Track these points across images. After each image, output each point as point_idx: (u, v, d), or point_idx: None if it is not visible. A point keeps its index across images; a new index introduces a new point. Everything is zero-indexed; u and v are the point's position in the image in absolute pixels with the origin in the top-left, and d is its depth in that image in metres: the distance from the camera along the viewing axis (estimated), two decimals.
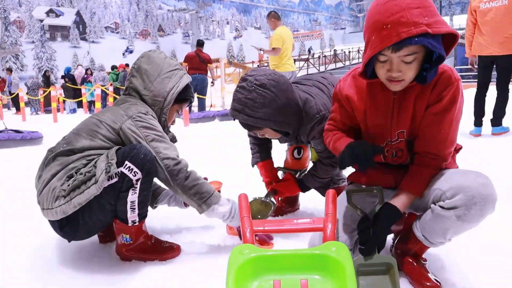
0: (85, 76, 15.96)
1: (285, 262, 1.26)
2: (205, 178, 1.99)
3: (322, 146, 1.94)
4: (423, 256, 1.60)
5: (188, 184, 1.69)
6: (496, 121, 4.87)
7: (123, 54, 26.81)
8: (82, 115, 12.34)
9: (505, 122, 4.94)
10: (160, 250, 1.85)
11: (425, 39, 1.22)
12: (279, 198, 2.36)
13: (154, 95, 1.88)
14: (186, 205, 2.10)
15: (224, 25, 36.23)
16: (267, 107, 1.79)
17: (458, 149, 1.65)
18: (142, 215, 1.77)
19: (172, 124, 2.10)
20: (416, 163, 1.51)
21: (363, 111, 1.58)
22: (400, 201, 1.46)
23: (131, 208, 1.70)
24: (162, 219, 2.23)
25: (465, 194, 1.31)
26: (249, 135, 2.34)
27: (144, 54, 1.99)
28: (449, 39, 1.31)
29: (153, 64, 1.91)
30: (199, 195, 1.71)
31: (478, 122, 4.95)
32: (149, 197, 1.78)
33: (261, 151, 2.35)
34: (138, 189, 1.66)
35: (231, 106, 1.87)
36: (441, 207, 1.38)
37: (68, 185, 1.62)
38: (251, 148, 2.38)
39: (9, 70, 17.59)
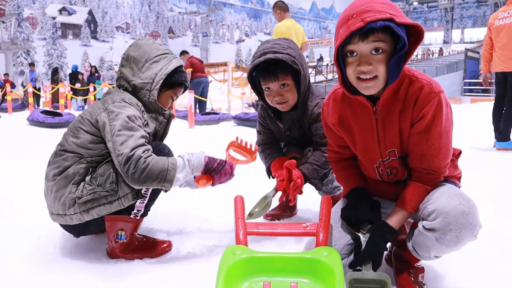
0: (91, 74, 15.94)
1: (276, 264, 1.27)
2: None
3: (321, 130, 1.91)
4: (421, 265, 1.60)
5: (138, 177, 1.59)
6: (502, 136, 4.86)
7: (100, 65, 26.55)
8: None
9: None
10: (151, 247, 1.85)
11: (391, 23, 1.23)
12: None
13: (142, 79, 1.86)
14: (197, 183, 2.02)
15: (234, 29, 36.38)
16: (294, 50, 1.88)
17: (457, 154, 1.64)
18: (147, 210, 1.78)
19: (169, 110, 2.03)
20: (412, 178, 1.50)
21: (351, 135, 1.57)
22: (395, 219, 1.46)
23: (142, 197, 1.72)
24: (157, 218, 2.24)
25: (443, 219, 1.31)
26: (258, 143, 2.24)
27: (132, 43, 1.99)
28: (414, 38, 1.30)
29: (140, 51, 1.89)
30: (155, 179, 1.61)
31: (500, 136, 4.94)
32: (160, 192, 1.80)
33: (273, 151, 2.21)
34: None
35: (253, 58, 1.90)
36: (423, 226, 1.38)
37: (82, 193, 1.66)
38: (262, 156, 2.25)
39: (32, 65, 17.13)
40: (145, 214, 1.80)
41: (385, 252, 1.55)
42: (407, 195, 1.47)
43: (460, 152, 1.65)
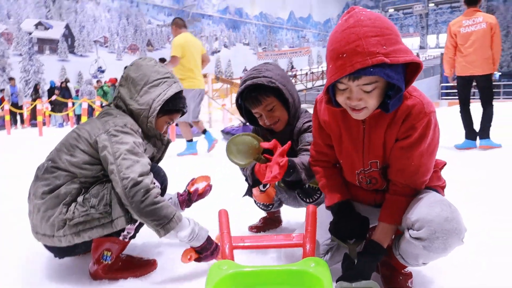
0: (61, 88, 15.60)
1: (263, 278, 1.25)
2: (192, 180, 2.07)
3: (308, 139, 1.94)
4: (408, 271, 1.60)
5: (144, 207, 1.57)
6: (483, 133, 5.06)
7: (93, 74, 26.23)
8: (69, 129, 12.23)
9: (496, 139, 5.09)
10: (135, 267, 1.80)
11: (382, 70, 1.18)
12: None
13: (140, 104, 1.82)
14: (183, 207, 2.05)
15: (213, 40, 36.47)
16: (274, 72, 1.91)
17: (441, 166, 1.64)
18: (136, 232, 1.75)
19: (165, 135, 2.01)
20: (390, 192, 1.50)
21: (339, 136, 1.56)
22: (383, 236, 1.45)
23: (133, 219, 1.67)
24: (141, 236, 2.18)
25: (428, 228, 1.31)
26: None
27: (133, 62, 1.95)
28: (414, 66, 1.28)
29: (140, 73, 1.85)
30: (156, 220, 1.59)
31: (470, 135, 5.17)
32: None
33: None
34: None
35: (239, 86, 1.93)
36: (410, 235, 1.38)
37: (73, 215, 1.60)
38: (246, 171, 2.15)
39: (12, 79, 16.52)
40: (134, 236, 1.77)
41: None
42: (389, 209, 1.47)
43: (444, 164, 1.64)
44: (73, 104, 13.60)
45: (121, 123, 1.73)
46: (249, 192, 2.24)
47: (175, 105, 1.92)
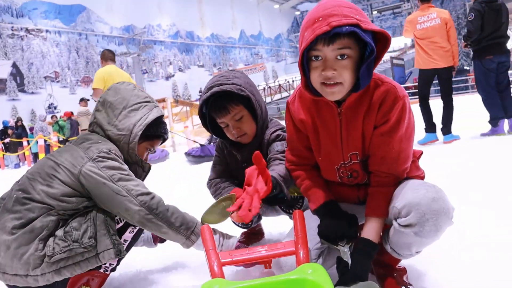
0: (17, 127, 15.10)
1: None
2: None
3: (278, 148, 1.81)
4: (402, 266, 1.56)
5: (172, 216, 1.54)
6: (446, 129, 5.21)
7: (48, 111, 25.25)
8: (26, 168, 11.69)
9: (455, 131, 5.26)
10: None
11: (357, 29, 1.20)
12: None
13: (119, 130, 1.70)
14: (156, 242, 1.95)
15: (167, 65, 36.30)
16: (243, 80, 1.80)
17: (419, 156, 1.64)
18: (117, 265, 1.64)
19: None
20: (372, 184, 1.47)
21: (316, 134, 1.53)
22: (372, 231, 1.40)
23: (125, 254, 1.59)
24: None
25: (416, 211, 1.28)
26: (211, 178, 2.04)
27: (111, 86, 1.83)
28: (381, 44, 1.28)
29: (119, 97, 1.74)
30: (185, 225, 1.56)
31: (430, 128, 5.30)
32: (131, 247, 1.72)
33: (229, 184, 1.99)
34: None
35: (203, 92, 1.80)
36: (399, 224, 1.34)
37: (54, 251, 1.44)
38: (215, 190, 2.00)
39: None
40: (114, 269, 1.64)
41: None
42: (374, 201, 1.44)
43: (421, 153, 1.65)
44: (28, 142, 13.06)
45: (105, 149, 1.61)
46: None
47: (156, 130, 1.82)
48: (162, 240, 1.97)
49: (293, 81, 32.08)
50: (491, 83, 5.08)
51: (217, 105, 1.78)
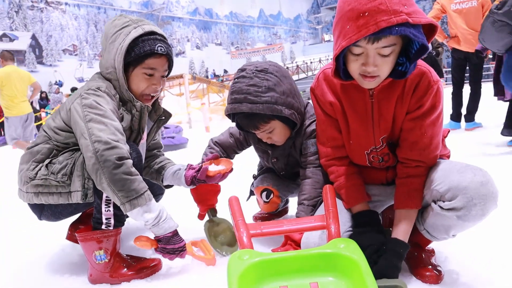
0: (41, 99, 15.15)
1: (290, 265, 1.14)
2: (215, 156, 1.88)
3: (312, 148, 1.71)
4: (431, 248, 1.52)
5: (115, 175, 1.41)
6: (470, 116, 5.07)
7: (49, 90, 24.92)
8: None
9: (477, 117, 5.15)
10: (139, 267, 1.64)
11: (407, 29, 1.11)
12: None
13: (106, 68, 1.63)
14: (188, 182, 1.83)
15: (185, 42, 36.12)
16: (273, 91, 1.57)
17: (446, 134, 1.60)
18: (119, 219, 1.59)
19: (153, 94, 1.72)
20: (401, 175, 1.42)
21: (345, 117, 1.48)
22: (403, 229, 1.36)
23: (105, 203, 1.54)
24: (138, 233, 2.04)
25: (464, 196, 1.23)
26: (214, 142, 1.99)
27: None
28: (426, 31, 1.21)
29: (102, 37, 1.67)
30: (124, 191, 1.43)
31: (457, 117, 5.19)
32: None
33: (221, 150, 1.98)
34: None
35: (229, 100, 1.62)
36: (441, 207, 1.30)
37: (35, 175, 1.58)
38: (210, 149, 1.98)
39: None
40: (119, 223, 1.61)
41: None
42: (405, 193, 1.39)
43: (448, 132, 1.62)
44: (47, 114, 13.19)
45: (94, 86, 1.58)
46: (251, 194, 2.14)
47: (140, 48, 1.59)
48: (195, 182, 1.83)
49: (311, 62, 31.71)
50: None
51: (245, 122, 1.67)
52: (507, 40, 3.35)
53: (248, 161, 2.34)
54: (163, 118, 1.88)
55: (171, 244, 1.58)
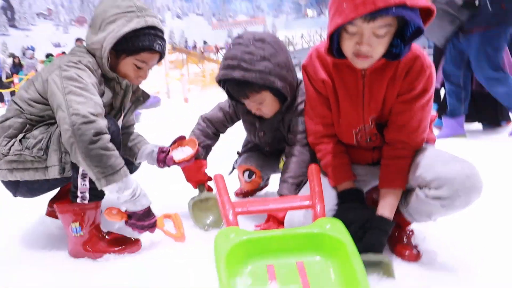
0: (14, 64, 14.54)
1: (277, 244, 1.15)
2: (181, 137, 1.87)
3: (300, 127, 1.70)
4: (411, 228, 1.56)
5: (91, 149, 1.37)
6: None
7: (23, 53, 23.60)
8: None
9: None
10: (119, 242, 1.63)
11: (404, 11, 1.11)
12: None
13: (92, 43, 1.59)
14: (160, 164, 1.86)
15: (165, 11, 35.30)
16: (267, 60, 1.54)
17: (434, 118, 1.61)
18: (96, 193, 1.56)
19: (135, 82, 1.71)
20: (387, 157, 1.44)
21: (335, 95, 1.48)
22: (388, 207, 1.38)
23: (82, 177, 1.51)
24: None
25: (450, 186, 1.25)
26: (204, 119, 1.97)
27: None
28: (423, 16, 1.20)
29: (99, 9, 1.61)
30: (100, 167, 1.40)
31: None
32: None
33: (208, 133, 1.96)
34: None
35: (222, 66, 1.59)
36: (426, 195, 1.32)
37: (8, 151, 1.52)
38: (198, 126, 1.96)
39: None
40: (97, 197, 1.58)
41: None
42: (390, 174, 1.42)
43: (436, 117, 1.63)
44: (20, 80, 12.76)
45: (75, 59, 1.53)
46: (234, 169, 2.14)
47: (138, 42, 1.59)
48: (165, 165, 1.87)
49: (293, 37, 31.48)
50: None
51: (236, 89, 1.64)
52: (448, 30, 3.32)
53: (234, 138, 2.31)
54: (141, 99, 1.86)
55: (141, 221, 1.57)
